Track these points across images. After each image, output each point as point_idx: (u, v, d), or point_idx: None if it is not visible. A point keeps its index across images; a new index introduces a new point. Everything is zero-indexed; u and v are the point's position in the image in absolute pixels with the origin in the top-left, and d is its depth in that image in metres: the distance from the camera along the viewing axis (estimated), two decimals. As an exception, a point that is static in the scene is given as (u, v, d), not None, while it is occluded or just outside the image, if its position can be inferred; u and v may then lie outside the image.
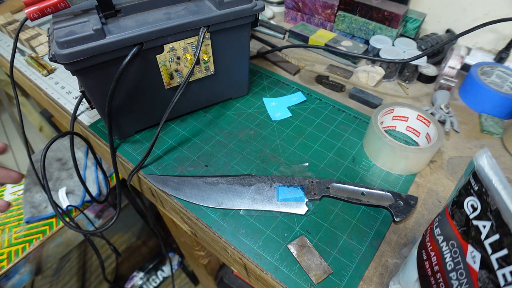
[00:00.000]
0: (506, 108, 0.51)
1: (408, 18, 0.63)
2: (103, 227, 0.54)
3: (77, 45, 0.35)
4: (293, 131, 0.50)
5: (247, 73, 0.53)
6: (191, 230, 0.47)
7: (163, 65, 0.43)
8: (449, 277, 0.24)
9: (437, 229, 0.26)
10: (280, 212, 0.40)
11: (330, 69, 0.62)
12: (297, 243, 0.37)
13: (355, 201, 0.40)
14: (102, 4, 0.39)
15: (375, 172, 0.45)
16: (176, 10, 0.42)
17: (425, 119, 0.46)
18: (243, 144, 0.49)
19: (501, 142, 0.49)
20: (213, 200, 0.41)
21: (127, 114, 0.47)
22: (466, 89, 0.55)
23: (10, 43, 0.73)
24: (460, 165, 0.46)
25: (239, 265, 0.40)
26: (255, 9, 0.44)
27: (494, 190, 0.20)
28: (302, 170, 0.45)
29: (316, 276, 0.34)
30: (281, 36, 0.71)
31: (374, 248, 0.37)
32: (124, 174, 0.51)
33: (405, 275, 0.31)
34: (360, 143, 0.49)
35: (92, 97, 0.43)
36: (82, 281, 1.32)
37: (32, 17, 0.37)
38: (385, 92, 0.58)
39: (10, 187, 0.80)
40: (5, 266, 0.65)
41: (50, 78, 0.63)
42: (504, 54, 0.58)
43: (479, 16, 0.60)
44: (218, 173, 0.45)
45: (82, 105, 0.56)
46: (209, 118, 0.53)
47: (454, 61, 0.55)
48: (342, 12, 0.65)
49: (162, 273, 1.38)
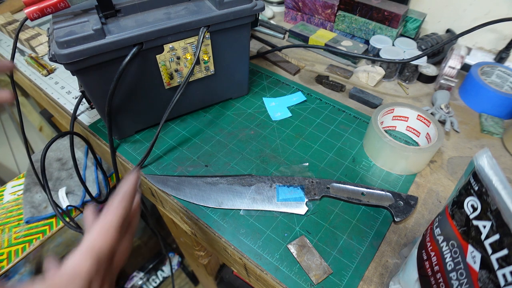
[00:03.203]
0: (506, 108, 0.51)
1: (408, 18, 0.63)
2: (103, 227, 0.54)
3: (77, 45, 0.35)
4: (293, 131, 0.50)
5: (247, 73, 0.53)
6: (191, 230, 0.47)
7: (163, 65, 0.43)
8: (449, 277, 0.24)
9: (437, 229, 0.26)
10: (280, 212, 0.40)
11: (330, 69, 0.62)
12: (297, 243, 0.37)
13: (355, 201, 0.40)
14: (102, 4, 0.39)
15: (375, 172, 0.45)
16: (176, 10, 0.42)
17: (425, 119, 0.46)
18: (243, 144, 0.49)
19: (501, 142, 0.49)
20: (213, 200, 0.41)
21: (127, 114, 0.47)
22: (466, 89, 0.55)
23: (10, 43, 0.73)
24: (460, 165, 0.46)
25: (239, 265, 0.40)
26: (255, 9, 0.44)
27: (494, 190, 0.20)
28: (302, 170, 0.45)
29: (316, 276, 0.34)
30: (281, 36, 0.71)
31: (374, 248, 0.37)
32: (124, 174, 0.51)
33: (405, 275, 0.31)
34: (360, 143, 0.49)
35: (92, 97, 0.43)
36: (82, 281, 1.32)
37: (32, 17, 0.37)
38: (385, 92, 0.58)
39: (10, 186, 0.80)
40: (5, 266, 0.65)
41: (50, 78, 0.63)
42: (504, 54, 0.58)
43: (479, 16, 0.60)
44: (218, 173, 0.45)
45: (82, 105, 0.56)
46: (209, 118, 0.53)
47: (454, 61, 0.55)
48: (342, 12, 0.65)
49: (162, 273, 1.38)
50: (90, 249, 0.23)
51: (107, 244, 0.24)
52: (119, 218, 0.25)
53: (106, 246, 0.24)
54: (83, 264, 0.22)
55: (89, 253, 0.23)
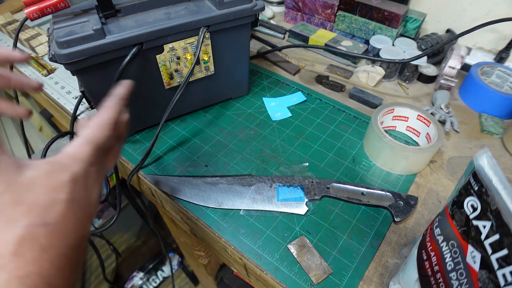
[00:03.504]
0: (506, 108, 0.51)
1: (408, 18, 0.63)
2: (103, 227, 0.54)
3: (77, 45, 0.35)
4: (293, 131, 0.50)
5: (247, 73, 0.53)
6: (191, 230, 0.47)
7: (163, 65, 0.43)
8: (449, 277, 0.24)
9: (437, 229, 0.26)
10: (280, 212, 0.40)
11: (330, 69, 0.62)
12: (297, 243, 0.37)
13: (355, 201, 0.40)
14: (102, 4, 0.39)
15: (375, 172, 0.45)
16: (176, 10, 0.42)
17: (425, 119, 0.46)
18: (243, 144, 0.49)
19: (501, 142, 0.49)
20: (213, 200, 0.41)
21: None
22: (466, 89, 0.55)
23: (10, 43, 0.73)
24: (460, 165, 0.46)
25: (239, 265, 0.40)
26: (255, 9, 0.44)
27: (494, 190, 0.20)
28: (302, 170, 0.45)
29: (316, 276, 0.34)
30: (281, 36, 0.71)
31: (374, 248, 0.37)
32: (124, 174, 0.51)
33: (405, 275, 0.31)
34: (360, 143, 0.49)
35: (92, 97, 0.43)
36: (82, 281, 1.32)
37: (32, 17, 0.37)
38: (385, 92, 0.58)
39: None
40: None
41: (50, 78, 0.63)
42: (504, 54, 0.57)
43: (479, 16, 0.60)
44: (218, 173, 0.45)
45: (82, 105, 0.56)
46: (209, 118, 0.53)
47: (454, 61, 0.55)
48: (342, 12, 0.65)
49: (162, 273, 1.38)
50: (89, 138, 0.24)
51: (103, 135, 0.25)
52: (112, 116, 0.27)
53: (102, 137, 0.25)
54: (83, 149, 0.24)
55: (87, 141, 0.24)
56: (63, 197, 0.20)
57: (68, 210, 0.20)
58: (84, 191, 0.22)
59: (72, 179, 0.21)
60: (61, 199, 0.20)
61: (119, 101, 0.29)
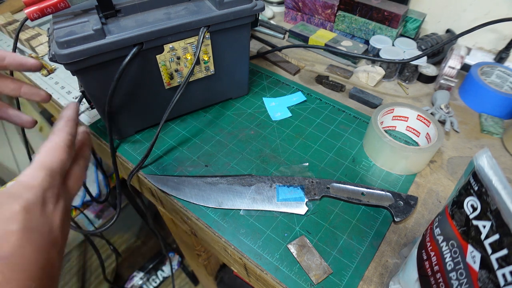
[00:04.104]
0: (506, 108, 0.51)
1: (408, 18, 0.63)
2: (103, 227, 0.54)
3: (77, 45, 0.35)
4: (293, 131, 0.50)
5: (247, 73, 0.53)
6: (191, 230, 0.47)
7: (163, 65, 0.43)
8: (449, 277, 0.24)
9: (437, 229, 0.26)
10: (280, 212, 0.40)
11: (330, 69, 0.62)
12: (297, 243, 0.37)
13: (355, 201, 0.40)
14: (102, 4, 0.39)
15: (375, 172, 0.45)
16: (176, 10, 0.42)
17: (425, 119, 0.46)
18: (243, 144, 0.49)
19: (501, 142, 0.49)
20: (213, 200, 0.41)
21: (127, 114, 0.47)
22: (466, 89, 0.55)
23: (10, 43, 0.73)
24: (460, 165, 0.46)
25: (239, 265, 0.40)
26: (255, 9, 0.44)
27: (494, 190, 0.20)
28: (302, 170, 0.45)
29: (316, 276, 0.34)
30: (281, 36, 0.71)
31: (374, 248, 0.37)
32: (124, 174, 0.51)
33: (405, 275, 0.31)
34: (360, 143, 0.49)
35: (92, 97, 0.43)
36: (82, 281, 1.32)
37: (32, 17, 0.37)
38: (385, 92, 0.58)
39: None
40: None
41: (50, 78, 0.63)
42: (504, 54, 0.58)
43: (479, 16, 0.60)
44: (218, 173, 0.45)
45: (82, 105, 0.56)
46: (209, 118, 0.53)
47: (454, 61, 0.55)
48: (342, 12, 0.65)
49: (162, 273, 1.38)
50: (40, 163, 0.24)
51: (56, 159, 0.25)
52: (64, 138, 0.26)
53: (56, 161, 0.25)
54: (36, 175, 0.23)
55: (40, 167, 0.24)
56: (16, 227, 0.20)
57: (23, 240, 0.20)
58: (41, 218, 0.22)
59: (24, 207, 0.21)
60: (14, 229, 0.20)
61: (68, 123, 0.28)
